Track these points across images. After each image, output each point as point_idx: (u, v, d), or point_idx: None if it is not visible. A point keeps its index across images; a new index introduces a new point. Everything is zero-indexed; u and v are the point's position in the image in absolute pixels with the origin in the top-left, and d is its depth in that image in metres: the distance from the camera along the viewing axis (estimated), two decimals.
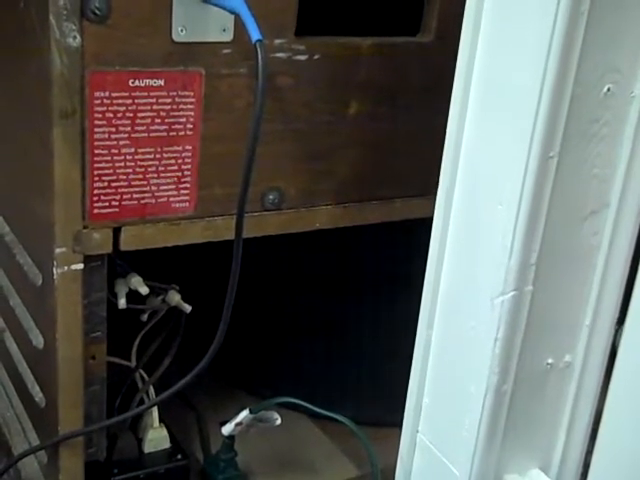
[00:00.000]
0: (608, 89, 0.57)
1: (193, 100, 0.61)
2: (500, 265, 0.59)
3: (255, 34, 0.53)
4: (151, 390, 0.75)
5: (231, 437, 0.77)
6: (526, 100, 0.56)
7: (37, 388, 0.71)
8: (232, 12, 0.56)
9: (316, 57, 0.64)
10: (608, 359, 0.66)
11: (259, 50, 0.52)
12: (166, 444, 0.76)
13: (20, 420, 0.78)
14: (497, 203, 0.59)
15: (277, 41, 0.62)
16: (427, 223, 0.62)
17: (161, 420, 0.76)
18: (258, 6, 0.59)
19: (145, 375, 0.75)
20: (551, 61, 0.54)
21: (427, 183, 0.63)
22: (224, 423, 0.79)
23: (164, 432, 0.76)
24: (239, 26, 0.59)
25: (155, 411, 0.76)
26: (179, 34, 0.58)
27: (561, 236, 0.60)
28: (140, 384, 0.75)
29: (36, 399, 0.71)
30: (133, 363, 0.74)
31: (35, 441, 0.74)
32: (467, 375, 0.64)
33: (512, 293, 0.60)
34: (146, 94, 0.59)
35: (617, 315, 0.65)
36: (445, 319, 0.66)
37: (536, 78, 0.55)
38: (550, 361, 0.65)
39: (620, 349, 0.59)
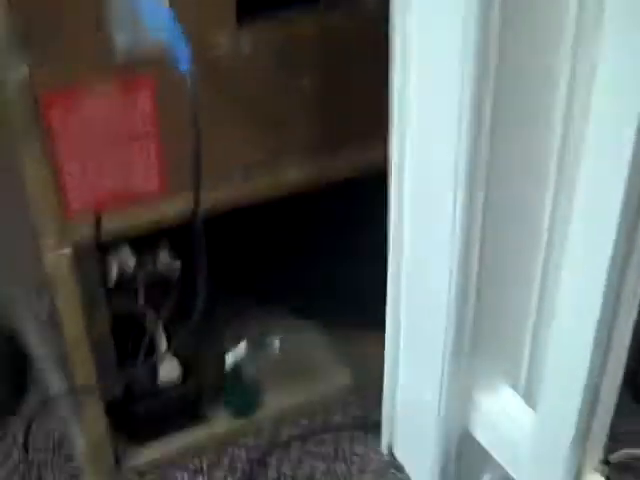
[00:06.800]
0: None
1: (148, 101, 0.65)
2: None
3: (184, 64, 0.56)
4: (160, 329, 0.84)
5: (236, 366, 0.86)
6: None
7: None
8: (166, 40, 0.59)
9: (261, 43, 0.67)
10: None
11: (188, 80, 0.56)
12: (178, 372, 0.85)
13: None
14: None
15: (220, 36, 0.65)
16: None
17: (172, 349, 0.86)
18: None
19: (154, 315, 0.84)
20: None
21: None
22: (236, 340, 0.90)
23: (174, 362, 0.85)
24: None
25: (164, 344, 0.85)
26: (120, 43, 0.62)
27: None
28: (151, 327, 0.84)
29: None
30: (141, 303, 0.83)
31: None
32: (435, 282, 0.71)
33: None
34: (102, 103, 0.64)
35: None
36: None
37: None
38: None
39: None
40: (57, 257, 0.68)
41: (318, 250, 1.02)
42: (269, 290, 1.00)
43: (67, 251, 0.69)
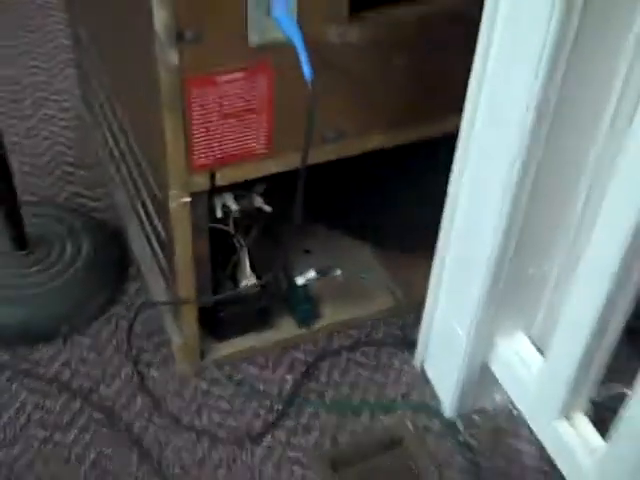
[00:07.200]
0: None
1: (266, 83, 0.80)
2: None
3: (307, 72, 0.71)
4: (246, 252, 1.01)
5: (304, 286, 1.05)
6: None
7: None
8: (289, 40, 0.73)
9: (365, 34, 0.81)
10: None
11: (310, 86, 0.71)
12: (257, 287, 1.04)
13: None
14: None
15: (332, 29, 0.79)
16: None
17: (252, 267, 1.04)
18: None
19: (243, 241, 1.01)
20: None
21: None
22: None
23: (254, 277, 1.03)
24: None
25: (248, 263, 1.03)
26: (253, 39, 0.76)
27: None
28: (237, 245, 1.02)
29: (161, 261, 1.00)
30: (232, 231, 1.00)
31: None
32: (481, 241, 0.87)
33: None
34: (230, 85, 0.78)
35: None
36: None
37: None
38: None
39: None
40: (179, 203, 0.85)
41: (384, 192, 1.18)
42: (339, 223, 1.18)
43: (187, 199, 0.86)
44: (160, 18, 0.71)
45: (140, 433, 0.99)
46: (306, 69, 0.71)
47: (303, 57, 0.71)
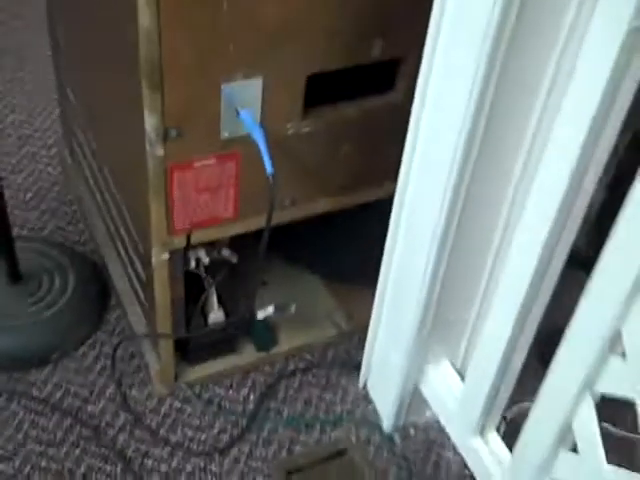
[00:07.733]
0: None
1: (234, 165, 0.96)
2: None
3: (269, 168, 0.87)
4: (213, 291, 1.18)
5: (264, 319, 1.21)
6: None
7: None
8: (253, 139, 0.89)
9: (318, 127, 0.98)
10: None
11: (271, 181, 0.87)
12: (222, 318, 1.20)
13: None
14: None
15: (289, 125, 0.96)
16: None
17: (220, 301, 1.20)
18: (277, 102, 0.93)
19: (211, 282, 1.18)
20: None
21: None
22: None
23: (221, 312, 1.20)
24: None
25: (215, 300, 1.19)
26: (224, 135, 0.92)
27: None
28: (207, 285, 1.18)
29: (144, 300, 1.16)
30: (203, 274, 1.17)
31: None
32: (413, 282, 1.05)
33: None
34: (205, 168, 0.95)
35: None
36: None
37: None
38: None
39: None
40: (160, 259, 1.02)
41: (338, 239, 1.35)
42: (295, 257, 1.35)
43: (166, 256, 1.02)
44: (150, 122, 0.87)
45: (123, 447, 1.15)
46: (267, 165, 0.88)
47: (265, 156, 0.88)
